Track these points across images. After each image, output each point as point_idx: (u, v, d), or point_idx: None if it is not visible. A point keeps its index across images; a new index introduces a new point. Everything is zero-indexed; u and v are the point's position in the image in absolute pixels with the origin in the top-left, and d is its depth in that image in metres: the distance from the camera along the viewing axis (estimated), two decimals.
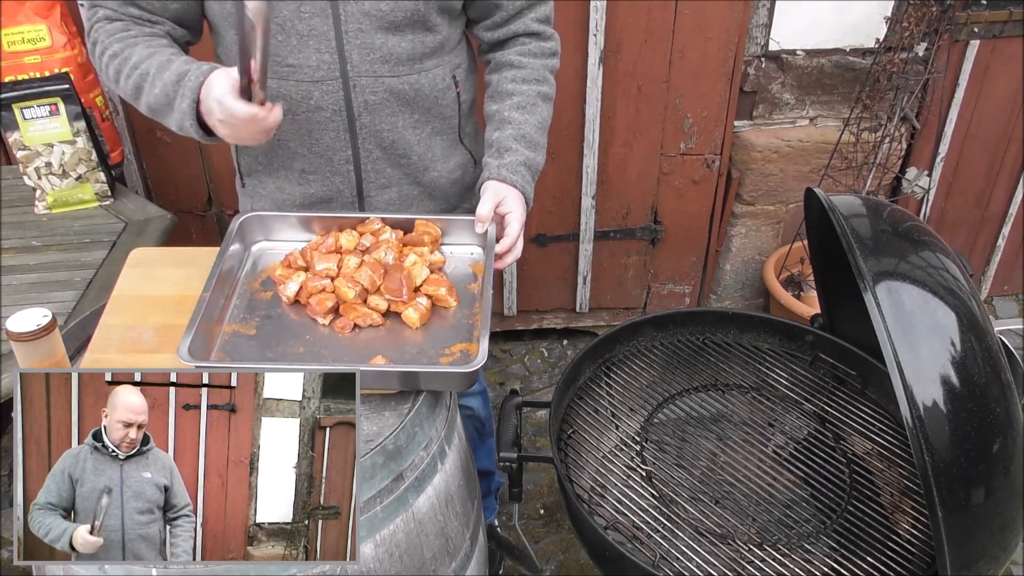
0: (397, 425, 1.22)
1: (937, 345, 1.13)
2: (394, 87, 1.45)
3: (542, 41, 1.54)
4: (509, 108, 1.50)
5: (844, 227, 1.23)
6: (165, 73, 1.32)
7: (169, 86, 1.31)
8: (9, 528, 2.35)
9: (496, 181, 1.45)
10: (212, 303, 1.30)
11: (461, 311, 1.38)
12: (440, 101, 1.51)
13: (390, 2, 1.38)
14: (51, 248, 1.94)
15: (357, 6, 1.37)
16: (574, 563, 2.34)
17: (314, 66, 1.40)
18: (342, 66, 1.41)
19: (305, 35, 1.38)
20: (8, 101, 1.93)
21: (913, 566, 1.22)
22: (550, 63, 1.56)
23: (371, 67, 1.42)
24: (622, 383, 1.54)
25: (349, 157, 1.50)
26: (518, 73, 1.52)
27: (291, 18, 1.37)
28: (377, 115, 1.46)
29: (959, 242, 3.14)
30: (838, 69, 2.72)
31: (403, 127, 1.49)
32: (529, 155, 1.48)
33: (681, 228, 2.88)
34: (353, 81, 1.42)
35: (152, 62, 1.34)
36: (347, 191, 1.53)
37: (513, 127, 1.49)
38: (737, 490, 1.34)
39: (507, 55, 1.54)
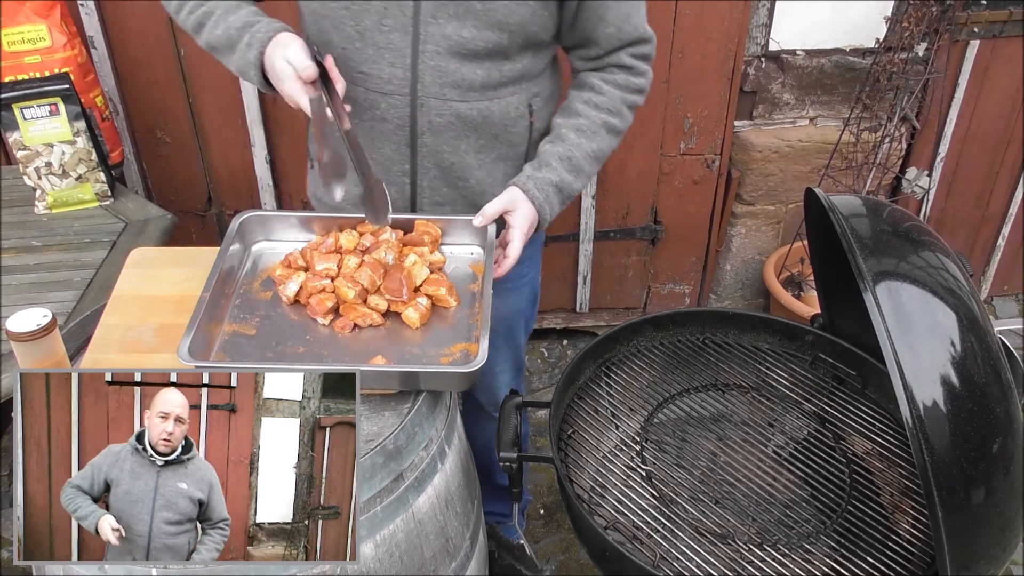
0: (397, 425, 1.23)
1: (937, 345, 1.13)
2: (461, 112, 1.43)
3: (631, 75, 1.50)
4: (570, 127, 1.48)
5: (844, 227, 1.23)
6: (231, 17, 1.36)
7: (233, 31, 1.35)
8: (9, 528, 2.35)
9: (518, 189, 1.44)
10: (212, 303, 1.30)
11: (461, 311, 1.38)
12: (510, 128, 1.49)
13: (473, 30, 1.36)
14: (51, 248, 1.94)
15: (439, 28, 1.36)
16: (574, 563, 2.34)
17: (385, 79, 1.40)
18: (412, 84, 1.40)
19: (382, 47, 1.38)
20: (8, 101, 1.93)
21: (913, 566, 1.22)
22: (631, 98, 1.52)
23: (441, 90, 1.41)
24: (622, 383, 1.54)
25: (407, 171, 1.49)
26: (593, 97, 1.50)
27: (371, 28, 1.37)
28: (440, 136, 1.45)
29: (959, 242, 3.14)
30: (838, 69, 2.72)
31: (465, 151, 1.48)
32: (567, 178, 1.46)
33: (681, 228, 2.88)
34: (421, 101, 1.41)
35: (218, 3, 1.38)
36: (400, 201, 1.53)
37: (565, 146, 1.47)
38: (737, 490, 1.34)
39: (591, 77, 1.51)
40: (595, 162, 1.51)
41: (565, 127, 1.49)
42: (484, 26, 1.36)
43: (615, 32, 1.45)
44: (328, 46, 1.42)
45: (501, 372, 1.86)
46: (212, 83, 2.49)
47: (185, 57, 2.43)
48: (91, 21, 2.33)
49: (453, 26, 1.35)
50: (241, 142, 2.58)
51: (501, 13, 1.35)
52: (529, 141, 1.53)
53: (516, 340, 1.85)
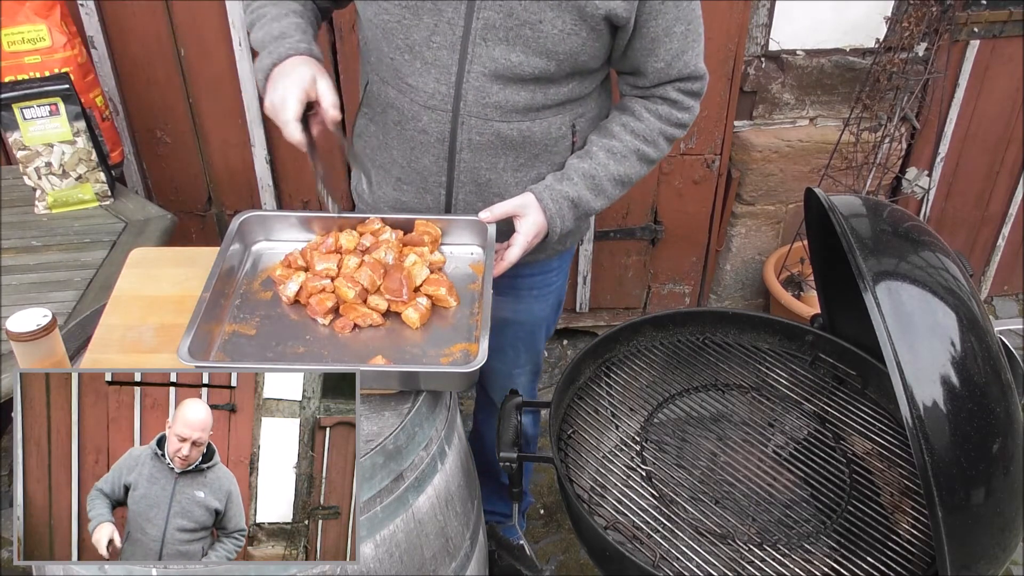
0: (397, 425, 1.22)
1: (937, 345, 1.13)
2: (502, 132, 1.43)
3: (674, 109, 1.50)
4: (601, 147, 1.48)
5: (844, 227, 1.23)
6: (274, 24, 1.40)
7: (269, 38, 1.39)
8: (9, 528, 2.35)
9: (532, 196, 1.44)
10: (212, 303, 1.30)
11: (461, 311, 1.38)
12: (551, 148, 1.49)
13: (521, 56, 1.36)
14: (51, 248, 1.94)
15: (487, 50, 1.36)
16: (574, 563, 2.34)
17: (430, 93, 1.41)
18: (455, 102, 1.41)
19: (430, 63, 1.39)
20: (8, 101, 1.93)
21: (913, 566, 1.22)
22: (669, 131, 1.51)
23: (483, 110, 1.41)
24: (622, 383, 1.54)
25: (443, 183, 1.50)
26: (631, 122, 1.49)
27: (420, 43, 1.38)
28: (478, 154, 1.45)
29: (959, 242, 3.14)
30: (838, 69, 2.72)
31: (503, 168, 1.48)
32: (585, 195, 1.46)
33: (681, 228, 2.88)
34: (462, 119, 1.42)
35: (272, 8, 1.43)
36: (436, 209, 1.54)
37: (591, 164, 1.46)
38: (737, 490, 1.34)
39: (634, 103, 1.51)
40: (619, 186, 1.50)
41: (597, 145, 1.48)
42: (533, 53, 1.36)
43: (664, 67, 1.45)
44: (380, 53, 1.44)
45: (519, 375, 1.87)
46: (212, 83, 2.49)
47: (185, 57, 2.43)
48: (91, 21, 2.33)
49: (501, 49, 1.36)
50: (241, 142, 2.58)
51: (551, 42, 1.35)
52: None
53: (536, 345, 1.86)
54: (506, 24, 1.34)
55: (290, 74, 1.32)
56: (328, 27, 2.39)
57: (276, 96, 1.32)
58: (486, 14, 1.33)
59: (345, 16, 2.36)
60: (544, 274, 1.53)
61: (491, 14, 1.33)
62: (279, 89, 1.32)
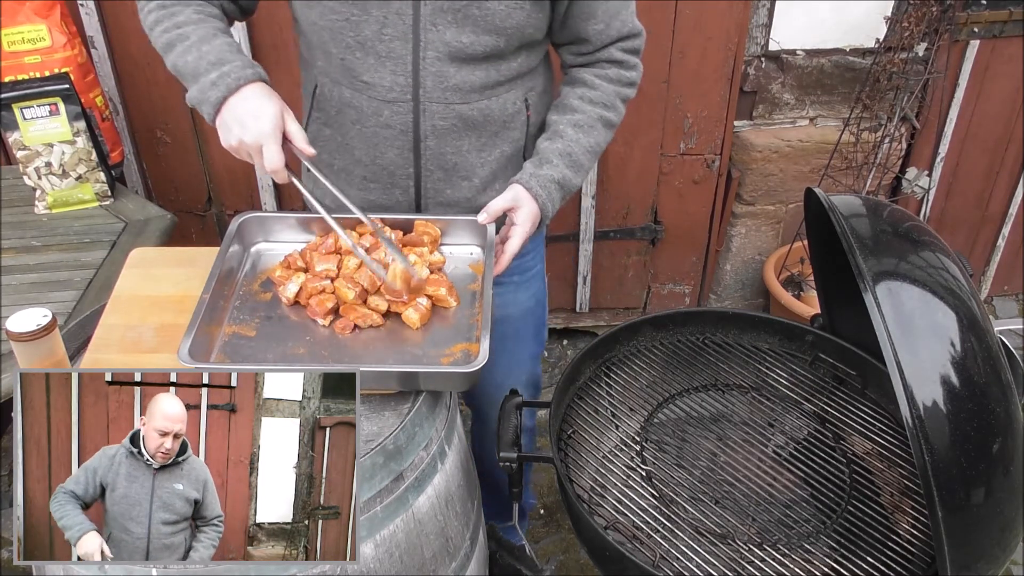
0: (397, 425, 1.23)
1: (937, 345, 1.13)
2: (463, 113, 1.44)
3: (622, 69, 1.52)
4: (566, 123, 1.49)
5: (844, 227, 1.23)
6: (204, 46, 1.31)
7: (204, 63, 1.30)
8: (9, 528, 2.35)
9: (521, 187, 1.44)
10: (212, 305, 1.30)
11: (461, 311, 1.38)
12: (509, 124, 1.51)
13: (471, 36, 1.37)
14: (51, 248, 1.94)
15: (438, 35, 1.37)
16: (574, 563, 2.34)
17: (388, 86, 1.41)
18: (415, 90, 1.41)
19: (383, 56, 1.39)
20: (8, 101, 1.93)
21: (913, 566, 1.22)
22: (623, 92, 1.53)
23: (443, 94, 1.42)
24: (622, 383, 1.54)
25: (411, 174, 1.50)
26: (587, 92, 1.51)
27: (372, 38, 1.37)
28: (443, 139, 1.46)
29: (959, 242, 3.14)
30: (838, 69, 2.72)
31: (468, 150, 1.49)
32: (567, 174, 1.47)
33: (681, 228, 2.88)
34: (424, 106, 1.42)
35: (195, 29, 1.34)
36: (405, 203, 1.54)
37: (564, 142, 1.48)
38: (737, 490, 1.34)
39: (583, 73, 1.53)
40: (592, 156, 1.52)
41: (562, 123, 1.50)
42: (482, 31, 1.37)
43: (604, 28, 1.47)
44: (327, 55, 1.43)
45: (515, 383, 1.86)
46: None
47: None
48: (91, 21, 2.33)
49: (452, 32, 1.36)
50: None
51: (498, 18, 1.36)
52: (527, 135, 1.54)
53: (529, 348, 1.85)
54: (454, 6, 1.34)
55: (256, 112, 1.27)
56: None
57: (248, 136, 1.26)
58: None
59: None
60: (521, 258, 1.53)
61: None
62: (250, 130, 1.26)
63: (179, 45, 1.34)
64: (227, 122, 1.29)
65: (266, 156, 1.27)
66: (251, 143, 1.26)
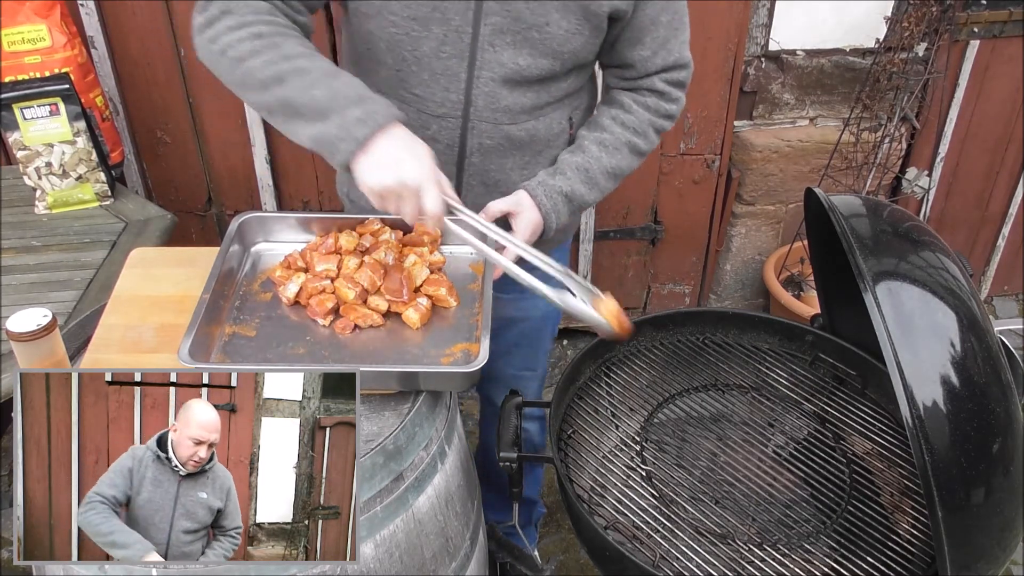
0: (397, 425, 1.22)
1: (937, 345, 1.13)
2: (511, 133, 1.45)
3: (662, 100, 1.50)
4: (592, 140, 1.48)
5: (844, 227, 1.23)
6: (335, 82, 1.20)
7: (340, 98, 1.18)
8: (9, 528, 2.35)
9: (526, 194, 1.44)
10: (212, 305, 1.30)
11: (461, 311, 1.38)
12: (552, 143, 1.50)
13: (528, 59, 1.37)
14: (51, 248, 1.94)
15: (495, 56, 1.36)
16: (574, 563, 2.34)
17: (438, 102, 1.41)
18: (465, 108, 1.41)
19: (438, 73, 1.38)
20: (8, 101, 1.93)
21: (913, 566, 1.22)
22: (659, 123, 1.51)
23: (493, 115, 1.42)
24: (622, 383, 1.54)
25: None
26: (621, 115, 1.49)
27: (429, 55, 1.37)
28: (488, 156, 1.46)
29: (959, 242, 3.14)
30: (838, 69, 2.72)
31: (511, 168, 1.49)
32: (579, 189, 1.46)
33: (681, 228, 2.88)
34: (472, 124, 1.42)
35: (313, 62, 1.22)
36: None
37: (584, 157, 1.47)
38: (737, 490, 1.34)
39: (622, 95, 1.51)
40: (612, 178, 1.50)
41: (588, 139, 1.49)
42: (539, 54, 1.37)
43: (650, 55, 1.45)
44: (379, 65, 1.42)
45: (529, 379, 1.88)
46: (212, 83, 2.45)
47: (185, 57, 2.43)
48: (91, 21, 2.33)
49: (509, 54, 1.36)
50: (241, 142, 2.58)
51: (557, 42, 1.36)
52: None
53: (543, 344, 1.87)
54: (513, 28, 1.34)
55: (415, 152, 1.19)
56: (328, 27, 2.39)
57: (409, 178, 1.16)
58: (493, 19, 1.33)
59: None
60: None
61: (498, 19, 1.33)
62: (410, 171, 1.17)
63: (295, 79, 1.20)
64: (380, 162, 1.17)
65: (428, 199, 1.18)
66: (412, 185, 1.17)
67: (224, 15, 1.25)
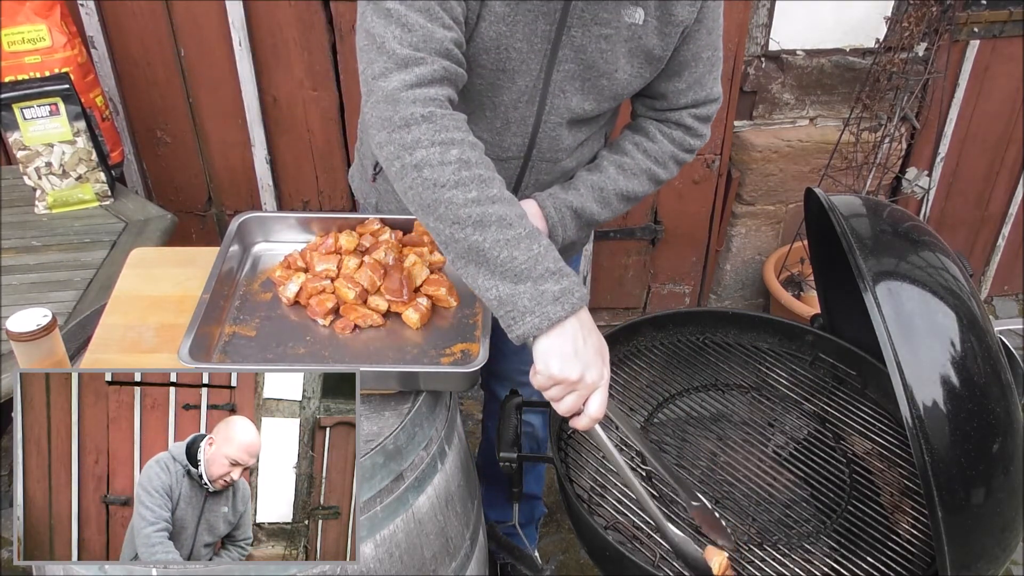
0: (397, 425, 1.22)
1: (937, 345, 1.13)
2: (565, 167, 1.48)
3: (688, 135, 1.51)
4: (611, 162, 1.49)
5: (844, 227, 1.23)
6: (535, 245, 1.08)
7: (540, 267, 1.07)
8: (9, 528, 2.35)
9: (535, 203, 1.44)
10: (212, 305, 1.30)
11: (462, 311, 1.38)
12: (587, 165, 1.52)
13: (594, 103, 1.39)
14: (51, 248, 1.94)
15: (564, 101, 1.37)
16: (574, 563, 2.34)
17: (506, 147, 1.42)
18: (528, 150, 1.42)
19: (512, 121, 1.39)
20: (8, 101, 1.93)
21: (913, 566, 1.22)
22: (680, 156, 1.52)
23: (554, 154, 1.44)
24: (622, 383, 1.53)
25: None
26: (644, 142, 1.50)
27: (507, 104, 1.36)
28: (540, 189, 1.48)
29: (959, 242, 3.14)
30: (838, 69, 2.72)
31: None
32: (590, 206, 1.46)
33: (681, 228, 2.88)
34: (533, 164, 1.44)
35: (514, 211, 1.10)
36: None
37: (600, 176, 1.47)
38: (737, 490, 1.34)
39: (648, 123, 1.52)
40: (625, 201, 1.51)
41: (607, 160, 1.50)
42: (604, 98, 1.39)
43: (684, 89, 1.45)
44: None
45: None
46: (212, 83, 2.49)
47: (185, 57, 2.43)
48: (91, 21, 2.33)
49: (577, 99, 1.37)
50: (241, 142, 2.58)
51: (620, 86, 1.38)
52: None
53: None
54: (584, 75, 1.35)
55: (601, 350, 1.12)
56: (328, 27, 2.39)
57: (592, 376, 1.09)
58: (567, 66, 1.34)
59: (345, 16, 2.36)
60: None
61: (572, 66, 1.34)
62: (595, 369, 1.10)
63: (496, 231, 1.08)
64: (569, 352, 1.08)
65: (597, 403, 1.11)
66: (591, 383, 1.10)
67: (424, 121, 1.11)
